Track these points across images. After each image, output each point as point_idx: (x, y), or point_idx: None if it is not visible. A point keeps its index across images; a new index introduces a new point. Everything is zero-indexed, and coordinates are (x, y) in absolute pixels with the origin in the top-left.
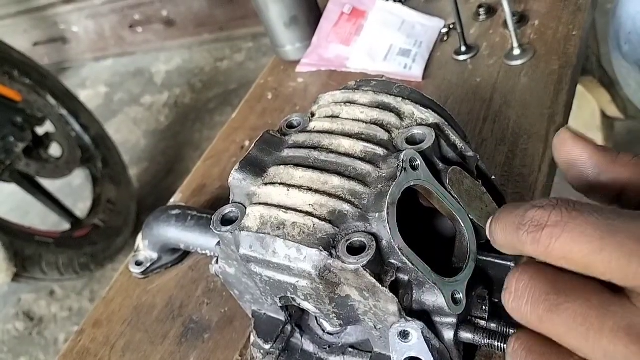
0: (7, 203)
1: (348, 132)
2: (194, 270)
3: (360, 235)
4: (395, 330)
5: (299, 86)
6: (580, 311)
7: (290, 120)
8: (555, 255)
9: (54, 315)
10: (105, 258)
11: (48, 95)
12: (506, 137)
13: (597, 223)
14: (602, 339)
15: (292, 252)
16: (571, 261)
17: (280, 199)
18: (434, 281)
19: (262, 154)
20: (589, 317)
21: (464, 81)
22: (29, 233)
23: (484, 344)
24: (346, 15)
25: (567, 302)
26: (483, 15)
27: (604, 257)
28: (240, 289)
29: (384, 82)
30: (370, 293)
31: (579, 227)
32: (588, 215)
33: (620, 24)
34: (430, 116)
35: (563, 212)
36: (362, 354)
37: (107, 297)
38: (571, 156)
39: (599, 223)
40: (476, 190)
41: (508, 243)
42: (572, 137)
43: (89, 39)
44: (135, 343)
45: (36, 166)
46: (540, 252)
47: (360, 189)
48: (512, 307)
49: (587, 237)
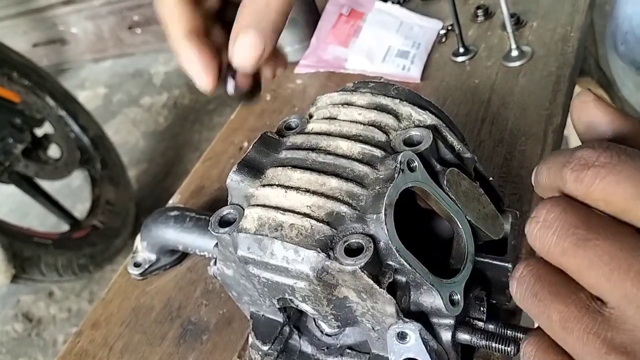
0: (6, 204)
1: (346, 133)
2: (193, 271)
3: (358, 236)
4: (393, 332)
5: (297, 87)
6: (608, 250)
7: (288, 122)
8: (596, 196)
9: (53, 316)
10: (104, 259)
11: (47, 97)
12: (504, 139)
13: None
14: (626, 281)
15: (290, 254)
16: (610, 204)
17: (278, 201)
18: (432, 282)
19: (260, 156)
20: (616, 257)
21: (462, 82)
22: (28, 234)
23: (482, 345)
24: (344, 17)
25: (597, 238)
26: (481, 17)
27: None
28: (239, 290)
29: (381, 83)
30: (368, 294)
31: (626, 171)
32: (639, 162)
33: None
34: (427, 118)
35: (613, 154)
36: (360, 355)
37: (105, 299)
38: (591, 118)
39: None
40: (474, 191)
41: (551, 182)
42: (595, 100)
43: (88, 40)
44: (134, 344)
45: (35, 167)
46: (581, 191)
47: (358, 191)
48: (535, 236)
49: (632, 182)
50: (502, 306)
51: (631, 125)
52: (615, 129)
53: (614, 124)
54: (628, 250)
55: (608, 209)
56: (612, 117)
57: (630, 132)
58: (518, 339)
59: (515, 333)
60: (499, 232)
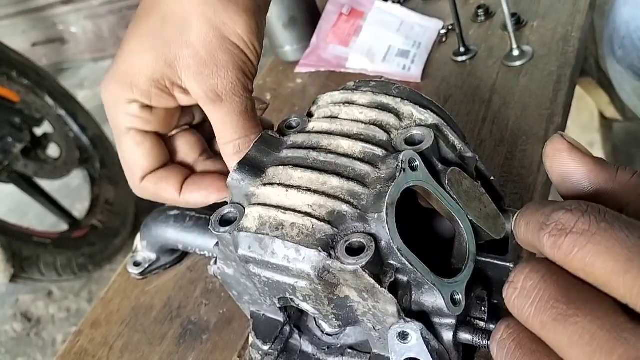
0: (5, 204)
1: (347, 132)
2: (193, 271)
3: (359, 236)
4: (394, 331)
5: (297, 87)
6: (589, 329)
7: (289, 121)
8: (575, 266)
9: (52, 316)
10: (103, 259)
11: (46, 96)
12: (505, 138)
13: (626, 242)
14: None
15: (291, 253)
16: (590, 275)
17: (279, 200)
18: (433, 282)
19: (260, 155)
20: (597, 337)
21: (462, 82)
22: (27, 234)
23: (484, 345)
24: (345, 16)
25: (577, 315)
26: (482, 17)
27: (627, 280)
28: (239, 289)
29: (383, 82)
30: (369, 294)
31: (606, 242)
32: (619, 231)
33: (614, 29)
34: (429, 117)
35: (592, 220)
36: (360, 355)
37: (105, 298)
38: (565, 169)
39: (628, 242)
40: (475, 191)
41: (528, 241)
42: (568, 148)
43: (88, 39)
44: (134, 344)
45: (34, 167)
46: (560, 258)
47: (359, 190)
48: (513, 304)
49: (612, 255)
50: (503, 306)
51: (608, 176)
52: (592, 180)
53: (590, 175)
54: (609, 330)
55: (588, 279)
56: (588, 168)
57: (608, 184)
58: None
59: None
60: (501, 231)
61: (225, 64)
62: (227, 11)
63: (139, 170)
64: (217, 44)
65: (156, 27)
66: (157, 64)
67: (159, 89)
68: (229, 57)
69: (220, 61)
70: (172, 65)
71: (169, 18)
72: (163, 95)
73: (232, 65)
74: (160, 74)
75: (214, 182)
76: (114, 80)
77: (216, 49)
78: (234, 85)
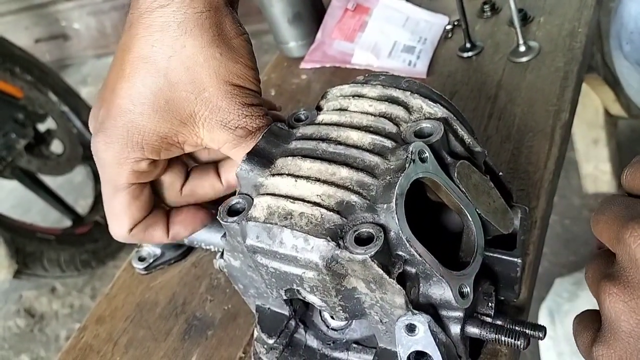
0: (9, 200)
1: (356, 124)
2: (197, 266)
3: (368, 226)
4: (402, 324)
5: (302, 83)
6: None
7: (297, 114)
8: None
9: (55, 312)
10: (106, 255)
11: (49, 92)
12: (511, 134)
13: None
14: None
15: (300, 242)
16: None
17: (287, 190)
18: (442, 274)
19: (269, 146)
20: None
21: (468, 78)
22: (31, 230)
23: (491, 338)
24: (350, 12)
25: None
26: (488, 12)
27: None
28: (245, 282)
29: (392, 76)
30: (377, 285)
31: None
32: None
33: (621, 24)
34: (438, 110)
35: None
36: (366, 349)
37: (109, 294)
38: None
39: None
40: (484, 185)
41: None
42: None
43: (91, 35)
44: (139, 340)
45: (38, 163)
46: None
47: (369, 180)
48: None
49: None
50: (510, 302)
51: None
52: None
53: None
54: None
55: None
56: None
57: None
58: (527, 334)
59: (524, 329)
60: (509, 226)
61: (248, 105)
62: (235, 64)
63: (129, 222)
64: (235, 93)
65: (163, 91)
66: (171, 124)
67: (169, 142)
68: (247, 99)
69: (242, 103)
70: (187, 123)
71: (177, 82)
72: (172, 147)
73: (252, 104)
74: (174, 133)
75: (195, 215)
76: (116, 139)
77: (235, 97)
78: (259, 117)
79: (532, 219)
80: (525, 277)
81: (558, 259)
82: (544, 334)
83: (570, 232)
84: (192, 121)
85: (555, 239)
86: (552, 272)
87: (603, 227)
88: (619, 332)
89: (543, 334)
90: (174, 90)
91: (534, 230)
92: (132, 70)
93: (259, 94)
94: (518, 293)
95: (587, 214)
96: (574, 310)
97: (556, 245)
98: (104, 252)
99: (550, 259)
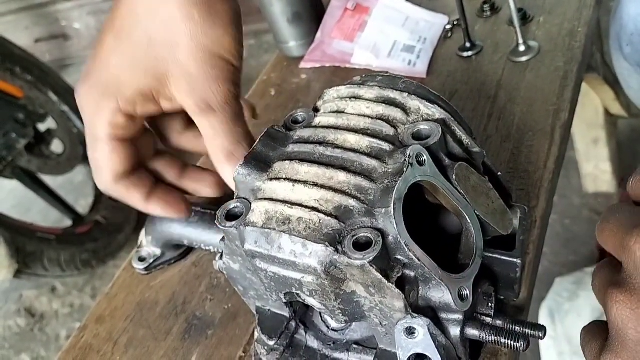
0: (9, 199)
1: (354, 127)
2: (198, 266)
3: (367, 230)
4: (401, 327)
5: (302, 82)
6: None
7: (295, 116)
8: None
9: (56, 311)
10: (106, 254)
11: (50, 92)
12: (511, 134)
13: None
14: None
15: (298, 248)
16: None
17: (285, 195)
18: (441, 277)
19: (267, 149)
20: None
21: (468, 78)
22: (31, 229)
23: (491, 340)
24: (350, 12)
25: None
26: (487, 12)
27: None
28: (245, 284)
29: (389, 77)
30: (376, 289)
31: None
32: None
33: (621, 26)
34: (436, 112)
35: None
36: (366, 350)
37: (110, 293)
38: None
39: None
40: (483, 186)
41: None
42: None
43: (91, 35)
44: (139, 339)
45: (38, 162)
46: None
47: (367, 185)
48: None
49: None
50: (509, 302)
51: None
52: None
53: None
54: None
55: None
56: None
57: None
58: (527, 335)
59: (524, 329)
60: (508, 227)
61: (216, 78)
62: (213, 28)
63: (110, 174)
64: (206, 60)
65: (142, 45)
66: (145, 79)
67: (144, 97)
68: (219, 71)
69: (211, 75)
70: (161, 81)
71: (155, 38)
72: (147, 103)
73: (222, 78)
74: (149, 87)
75: (177, 203)
76: (96, 89)
77: (206, 65)
78: (225, 96)
79: (532, 219)
80: (525, 276)
81: (558, 259)
82: (544, 334)
83: (570, 231)
84: (165, 79)
85: (555, 238)
86: (552, 271)
87: (608, 235)
88: (627, 340)
89: (543, 334)
90: (152, 46)
91: (534, 230)
92: (120, 24)
93: (238, 70)
94: (518, 293)
95: (587, 214)
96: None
97: (556, 245)
98: (105, 251)
99: (550, 258)
